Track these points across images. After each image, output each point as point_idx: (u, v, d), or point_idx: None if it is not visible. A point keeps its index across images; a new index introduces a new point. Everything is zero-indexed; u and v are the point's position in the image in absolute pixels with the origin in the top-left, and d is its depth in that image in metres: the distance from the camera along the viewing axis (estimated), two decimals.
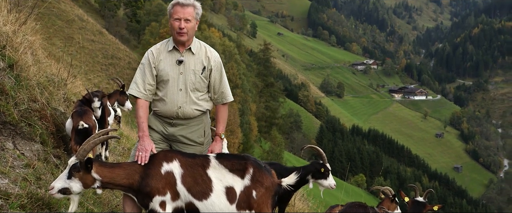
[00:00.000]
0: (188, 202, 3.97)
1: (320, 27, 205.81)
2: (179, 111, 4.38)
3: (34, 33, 6.93)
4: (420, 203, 5.95)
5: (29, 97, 5.55)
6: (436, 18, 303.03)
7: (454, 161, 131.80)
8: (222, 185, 4.02)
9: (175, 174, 3.96)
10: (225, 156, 4.17)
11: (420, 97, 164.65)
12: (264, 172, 4.15)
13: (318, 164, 5.85)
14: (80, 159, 3.73)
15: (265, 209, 4.12)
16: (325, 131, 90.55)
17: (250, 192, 4.05)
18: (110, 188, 3.99)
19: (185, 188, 3.95)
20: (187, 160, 4.06)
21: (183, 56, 4.39)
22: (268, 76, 77.07)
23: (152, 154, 4.08)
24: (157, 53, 4.39)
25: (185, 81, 4.38)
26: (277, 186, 4.23)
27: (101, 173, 3.82)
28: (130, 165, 3.99)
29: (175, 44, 4.40)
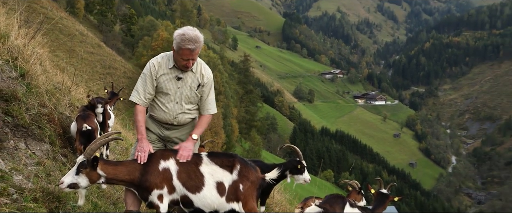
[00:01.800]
0: (183, 195, 4.00)
1: (293, 41, 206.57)
2: (174, 120, 4.46)
3: (42, 46, 6.89)
4: (384, 194, 5.96)
5: (38, 103, 5.55)
6: (393, 34, 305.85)
7: (409, 158, 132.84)
8: (213, 180, 4.06)
9: (172, 171, 3.99)
10: (215, 154, 4.23)
11: (380, 102, 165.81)
12: (250, 168, 4.21)
13: (295, 161, 5.85)
14: (87, 157, 3.72)
15: (251, 200, 4.17)
16: (298, 132, 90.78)
17: (237, 186, 4.09)
18: (113, 184, 4.00)
19: (180, 182, 3.98)
20: None
21: (183, 73, 4.39)
22: (247, 84, 77.23)
23: (150, 153, 4.09)
24: (158, 66, 4.36)
25: (182, 95, 4.42)
26: (261, 180, 4.31)
27: (105, 170, 3.82)
28: (131, 163, 3.99)
29: (175, 64, 4.37)
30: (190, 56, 4.24)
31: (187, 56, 4.24)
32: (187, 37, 4.17)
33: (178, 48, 4.24)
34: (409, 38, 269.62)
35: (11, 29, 6.01)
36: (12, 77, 5.41)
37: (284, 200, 9.23)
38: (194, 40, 4.19)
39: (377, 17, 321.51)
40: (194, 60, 4.33)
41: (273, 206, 8.40)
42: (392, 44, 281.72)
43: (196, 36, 4.22)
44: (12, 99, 5.01)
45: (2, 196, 3.66)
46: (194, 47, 4.20)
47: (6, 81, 5.22)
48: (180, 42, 4.20)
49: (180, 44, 4.20)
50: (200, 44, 4.27)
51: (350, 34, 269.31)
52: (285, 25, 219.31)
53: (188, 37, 4.18)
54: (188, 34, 4.19)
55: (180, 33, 4.22)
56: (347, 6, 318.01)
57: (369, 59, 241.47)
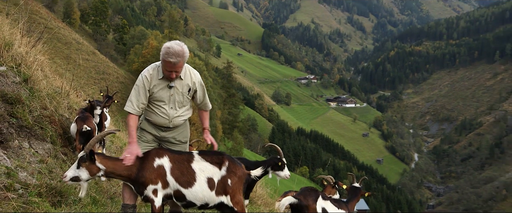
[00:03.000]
0: (176, 190, 4.02)
1: (272, 49, 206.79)
2: (170, 124, 4.48)
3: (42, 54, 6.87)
4: (356, 188, 6.03)
5: (40, 106, 5.54)
6: (362, 43, 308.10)
7: (376, 155, 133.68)
8: (204, 176, 4.09)
9: (166, 168, 4.01)
10: (205, 152, 4.25)
11: (350, 105, 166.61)
12: (237, 165, 4.24)
13: (277, 159, 5.88)
14: (86, 152, 3.75)
15: (238, 194, 4.20)
16: (276, 132, 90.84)
17: (226, 181, 4.12)
18: (112, 177, 4.00)
19: (173, 178, 4.01)
20: (175, 156, 4.13)
21: (173, 82, 4.39)
22: (230, 88, 77.04)
23: (147, 150, 4.13)
24: (150, 78, 4.33)
25: (175, 101, 4.44)
26: (247, 176, 4.33)
27: (104, 164, 3.85)
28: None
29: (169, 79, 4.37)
30: (172, 68, 4.22)
31: (170, 68, 4.22)
32: (171, 51, 4.14)
33: (162, 60, 4.22)
34: (376, 47, 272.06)
35: (15, 38, 5.98)
36: (16, 82, 5.41)
37: (266, 194, 9.28)
38: (177, 54, 4.15)
39: (347, 28, 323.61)
40: (178, 72, 4.31)
41: (256, 199, 8.44)
42: (361, 53, 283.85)
43: (181, 51, 4.19)
44: (16, 102, 5.00)
45: (9, 191, 3.66)
46: (176, 61, 4.16)
47: (10, 86, 5.21)
48: (164, 54, 4.17)
49: (164, 56, 4.18)
50: (184, 58, 4.25)
51: (323, 43, 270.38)
52: (264, 34, 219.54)
53: (172, 51, 4.14)
54: (173, 48, 4.16)
55: (166, 46, 4.20)
56: (320, 18, 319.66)
57: (340, 66, 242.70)
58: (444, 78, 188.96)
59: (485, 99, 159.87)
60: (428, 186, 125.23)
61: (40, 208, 3.61)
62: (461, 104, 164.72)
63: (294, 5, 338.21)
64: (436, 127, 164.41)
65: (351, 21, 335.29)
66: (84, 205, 4.34)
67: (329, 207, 5.07)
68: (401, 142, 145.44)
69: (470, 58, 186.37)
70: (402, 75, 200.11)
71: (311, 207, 4.79)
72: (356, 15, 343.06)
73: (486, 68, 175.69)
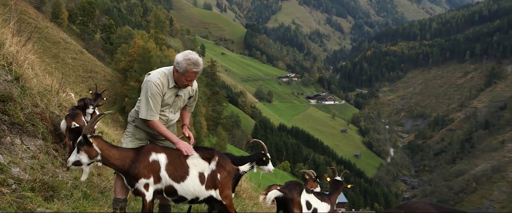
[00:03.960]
0: (168, 185, 4.01)
1: (254, 48, 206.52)
2: (166, 125, 4.52)
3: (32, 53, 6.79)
4: (338, 181, 6.05)
5: (32, 103, 5.50)
6: (340, 43, 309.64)
7: (354, 150, 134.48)
8: (196, 170, 4.08)
9: (161, 163, 3.99)
10: (196, 148, 4.24)
11: (329, 102, 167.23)
12: (226, 160, 4.25)
13: (261, 154, 5.88)
14: (84, 135, 3.76)
15: (227, 188, 4.20)
16: (259, 129, 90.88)
17: (215, 175, 4.12)
18: (107, 165, 3.94)
19: (167, 174, 3.99)
20: (172, 152, 4.11)
21: (180, 90, 4.41)
22: (214, 86, 76.92)
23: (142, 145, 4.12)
24: (162, 86, 4.30)
25: (176, 106, 4.49)
26: (236, 171, 4.33)
27: (100, 147, 3.82)
28: (125, 150, 4.01)
29: (175, 84, 4.37)
30: (194, 77, 4.28)
31: (192, 78, 4.27)
32: (194, 61, 4.18)
33: (185, 71, 4.20)
34: (354, 47, 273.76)
35: (6, 38, 5.91)
36: (8, 80, 5.34)
37: (250, 188, 9.28)
38: (199, 64, 4.21)
39: (326, 28, 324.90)
40: (193, 80, 4.34)
41: (241, 193, 8.43)
42: (339, 52, 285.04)
43: (199, 60, 4.25)
44: (8, 100, 4.95)
45: (2, 186, 3.63)
46: (199, 70, 4.24)
47: (2, 84, 5.15)
48: (186, 66, 4.17)
49: (187, 68, 4.18)
50: (202, 67, 4.29)
51: (303, 43, 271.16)
52: (247, 34, 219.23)
53: (195, 62, 4.18)
54: (194, 59, 4.20)
55: (186, 58, 4.20)
56: (301, 19, 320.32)
57: (320, 65, 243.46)
58: (418, 77, 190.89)
59: (456, 97, 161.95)
60: (403, 179, 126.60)
61: (33, 203, 3.57)
62: (434, 102, 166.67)
63: (275, 6, 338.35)
64: (410, 123, 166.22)
65: (330, 22, 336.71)
66: (75, 200, 4.29)
67: (313, 200, 5.11)
68: (378, 138, 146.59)
69: (442, 58, 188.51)
70: (379, 74, 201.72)
71: (296, 200, 4.82)
72: (335, 16, 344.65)
73: (457, 67, 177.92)
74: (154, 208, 4.21)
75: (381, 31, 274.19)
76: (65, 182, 4.49)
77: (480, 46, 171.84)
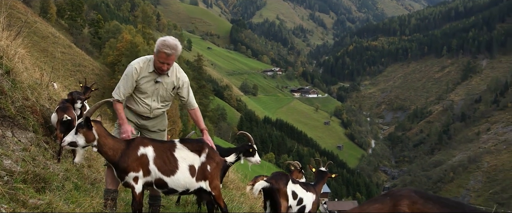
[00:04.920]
0: (158, 178, 3.97)
1: (239, 43, 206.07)
2: (151, 114, 4.48)
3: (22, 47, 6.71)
4: (323, 172, 6.09)
5: (22, 96, 5.43)
6: (323, 38, 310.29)
7: (337, 142, 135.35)
8: (186, 163, 4.06)
9: (149, 157, 3.94)
10: (186, 141, 4.21)
11: (313, 95, 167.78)
12: (215, 152, 4.24)
13: (248, 146, 5.87)
14: (85, 118, 3.74)
15: (216, 179, 4.20)
16: (244, 121, 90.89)
17: (205, 167, 4.10)
18: (100, 152, 3.91)
19: (156, 167, 3.95)
20: (159, 145, 4.08)
21: (160, 77, 4.39)
22: (200, 80, 76.65)
23: (132, 138, 4.10)
24: (140, 70, 4.33)
25: (158, 95, 4.45)
26: (224, 162, 4.33)
27: (99, 132, 3.80)
28: (118, 141, 3.96)
29: (155, 69, 4.35)
30: (165, 60, 4.25)
31: (163, 60, 4.25)
32: (167, 43, 4.20)
33: (157, 51, 4.24)
34: (336, 42, 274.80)
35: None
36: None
37: (237, 179, 9.32)
38: (172, 47, 4.21)
39: (309, 24, 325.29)
40: (169, 65, 4.33)
41: (228, 184, 8.46)
42: (322, 47, 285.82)
43: (175, 45, 4.25)
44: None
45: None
46: (170, 52, 4.22)
47: None
48: (159, 45, 4.22)
49: (159, 47, 4.22)
50: (177, 52, 4.28)
51: (287, 38, 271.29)
52: (233, 29, 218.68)
53: (168, 43, 4.20)
54: (168, 41, 4.22)
55: (162, 39, 4.27)
56: (285, 14, 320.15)
57: (303, 59, 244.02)
58: (397, 71, 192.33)
59: (434, 90, 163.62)
60: (384, 169, 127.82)
61: (25, 194, 3.53)
62: (413, 95, 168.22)
63: (260, 2, 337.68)
64: (390, 115, 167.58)
65: (313, 18, 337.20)
66: (67, 191, 4.25)
67: (299, 190, 5.13)
68: (359, 130, 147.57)
69: (420, 52, 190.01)
70: (360, 68, 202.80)
71: (282, 190, 4.84)
72: (318, 12, 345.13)
73: (434, 62, 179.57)
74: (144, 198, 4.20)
75: (362, 27, 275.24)
76: (56, 173, 4.46)
77: (456, 42, 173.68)
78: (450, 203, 2.24)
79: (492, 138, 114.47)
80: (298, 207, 5.09)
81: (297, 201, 5.04)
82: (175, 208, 5.87)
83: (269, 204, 4.86)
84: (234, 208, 6.05)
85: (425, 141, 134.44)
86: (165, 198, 5.84)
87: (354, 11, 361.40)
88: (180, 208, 5.90)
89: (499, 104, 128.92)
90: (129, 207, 4.74)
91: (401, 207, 2.25)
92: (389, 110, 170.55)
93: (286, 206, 4.85)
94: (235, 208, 6.04)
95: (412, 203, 2.25)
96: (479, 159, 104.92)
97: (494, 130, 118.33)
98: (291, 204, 4.96)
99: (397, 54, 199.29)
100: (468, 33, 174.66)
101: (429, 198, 2.27)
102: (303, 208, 5.18)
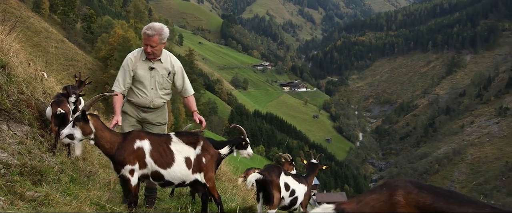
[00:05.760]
0: (154, 171, 3.96)
1: (230, 38, 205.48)
2: (151, 104, 4.51)
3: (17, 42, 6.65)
4: (314, 164, 6.10)
5: (18, 90, 5.38)
6: (312, 33, 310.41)
7: (325, 135, 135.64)
8: (182, 156, 4.06)
9: (145, 150, 3.94)
10: (182, 133, 4.21)
11: (302, 89, 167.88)
12: (210, 144, 4.23)
13: (241, 139, 5.89)
14: (82, 112, 3.73)
15: (210, 171, 4.21)
16: (235, 115, 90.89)
17: (200, 159, 4.11)
18: (96, 145, 3.90)
19: (152, 160, 3.94)
20: (155, 138, 4.07)
21: (154, 64, 4.41)
22: (192, 74, 76.29)
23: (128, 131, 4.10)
24: (134, 60, 4.39)
25: (155, 82, 4.46)
26: (218, 155, 4.33)
27: (95, 126, 3.78)
28: (115, 134, 3.95)
29: (147, 56, 4.36)
30: (148, 41, 4.32)
31: (146, 41, 4.34)
32: (149, 25, 4.33)
33: (142, 35, 4.37)
34: (325, 37, 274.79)
35: None
36: None
37: (229, 171, 9.34)
38: (154, 28, 4.29)
39: (298, 19, 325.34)
40: (154, 48, 4.37)
41: (221, 176, 8.47)
42: (311, 42, 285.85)
43: (159, 28, 4.33)
44: None
45: None
46: (152, 33, 4.30)
47: None
48: (144, 29, 4.35)
49: (143, 32, 4.35)
50: (160, 35, 4.38)
51: (277, 33, 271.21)
52: (223, 24, 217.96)
53: (150, 25, 4.32)
54: (152, 24, 4.35)
55: (149, 23, 4.39)
56: (274, 10, 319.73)
57: (293, 54, 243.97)
58: (384, 65, 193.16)
59: (419, 84, 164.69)
60: (371, 162, 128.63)
61: (22, 187, 3.51)
62: (399, 89, 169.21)
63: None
64: (378, 109, 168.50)
65: (302, 13, 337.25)
66: (63, 184, 4.23)
67: (291, 181, 5.14)
68: (347, 123, 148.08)
69: (406, 47, 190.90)
70: (348, 63, 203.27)
71: (275, 182, 4.84)
72: (307, 8, 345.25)
73: (420, 56, 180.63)
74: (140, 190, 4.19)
75: (350, 22, 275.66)
76: (52, 166, 4.44)
77: (441, 37, 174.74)
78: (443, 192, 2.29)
79: (476, 131, 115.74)
80: (290, 199, 5.10)
81: (289, 192, 5.05)
82: (169, 200, 5.87)
83: (262, 195, 4.87)
84: (227, 200, 6.06)
85: (411, 134, 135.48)
86: (160, 190, 5.84)
87: (342, 7, 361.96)
88: (174, 200, 5.90)
89: (483, 98, 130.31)
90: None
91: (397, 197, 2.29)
92: (376, 103, 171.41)
93: (278, 197, 4.86)
94: (228, 200, 6.06)
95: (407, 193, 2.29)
96: (463, 151, 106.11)
97: (478, 123, 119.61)
98: (284, 195, 4.97)
99: (384, 49, 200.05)
100: (452, 29, 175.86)
101: (423, 187, 2.32)
102: (295, 200, 5.20)
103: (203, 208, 4.49)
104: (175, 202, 5.69)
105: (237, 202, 5.92)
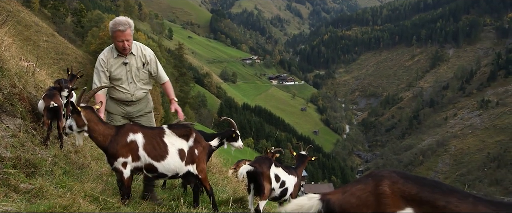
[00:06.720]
0: (148, 163, 3.95)
1: (219, 32, 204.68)
2: (133, 97, 4.44)
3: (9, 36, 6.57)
4: (304, 155, 6.13)
5: (10, 84, 5.35)
6: (299, 28, 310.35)
7: (313, 127, 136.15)
8: (175, 148, 4.05)
9: (138, 143, 3.92)
10: (175, 126, 4.19)
11: (290, 82, 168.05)
12: (201, 136, 4.23)
13: (231, 131, 5.90)
14: (75, 104, 3.71)
15: (202, 162, 4.21)
16: (224, 108, 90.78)
17: (193, 151, 4.10)
18: (90, 138, 3.88)
19: (145, 153, 3.93)
20: (148, 131, 4.05)
21: (127, 58, 4.34)
22: (181, 68, 76.08)
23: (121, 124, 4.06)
24: (106, 60, 4.32)
25: (132, 76, 4.40)
26: (209, 147, 4.34)
27: (89, 118, 3.76)
28: (109, 128, 3.92)
29: (119, 53, 4.31)
30: (123, 37, 4.23)
31: (120, 37, 4.23)
32: (118, 22, 4.21)
33: (112, 33, 4.26)
34: (312, 32, 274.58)
35: None
36: None
37: (220, 163, 9.33)
38: (123, 23, 4.20)
39: (286, 14, 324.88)
40: (129, 41, 4.31)
41: (211, 168, 8.46)
42: (299, 36, 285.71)
43: (126, 20, 4.26)
44: None
45: None
46: (124, 28, 4.21)
47: None
48: (112, 27, 4.23)
49: (113, 29, 4.23)
50: (131, 27, 4.29)
51: (265, 27, 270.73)
52: (212, 19, 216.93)
53: (119, 21, 4.21)
54: (118, 19, 4.25)
55: (112, 21, 4.29)
56: (263, 5, 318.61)
57: (281, 48, 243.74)
58: (370, 59, 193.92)
59: (404, 78, 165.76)
60: (358, 153, 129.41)
61: (16, 179, 3.47)
62: (385, 82, 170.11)
63: None
64: (364, 102, 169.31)
65: (290, 8, 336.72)
66: (56, 176, 4.20)
67: (281, 173, 5.16)
68: (334, 116, 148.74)
69: (392, 42, 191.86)
70: (335, 56, 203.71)
71: (266, 173, 4.86)
72: (294, 2, 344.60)
73: (405, 50, 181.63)
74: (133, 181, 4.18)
75: (337, 17, 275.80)
76: (45, 159, 4.41)
77: (425, 32, 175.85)
78: (428, 182, 2.30)
79: (459, 123, 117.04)
80: (280, 190, 5.13)
81: (279, 183, 5.08)
82: (161, 192, 5.86)
83: (253, 187, 4.89)
84: (218, 191, 6.06)
85: (396, 126, 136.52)
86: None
87: (329, 2, 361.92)
88: (166, 192, 5.88)
89: (465, 91, 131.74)
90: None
91: (383, 187, 2.30)
92: (362, 96, 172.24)
93: (269, 188, 4.87)
94: (219, 191, 6.06)
95: (393, 183, 2.30)
96: (446, 143, 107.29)
97: (461, 115, 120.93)
98: (274, 186, 4.99)
99: (370, 43, 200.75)
100: (436, 23, 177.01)
101: (408, 178, 2.33)
102: (286, 190, 5.22)
103: (195, 200, 4.49)
104: (167, 194, 5.67)
105: (228, 194, 5.93)
